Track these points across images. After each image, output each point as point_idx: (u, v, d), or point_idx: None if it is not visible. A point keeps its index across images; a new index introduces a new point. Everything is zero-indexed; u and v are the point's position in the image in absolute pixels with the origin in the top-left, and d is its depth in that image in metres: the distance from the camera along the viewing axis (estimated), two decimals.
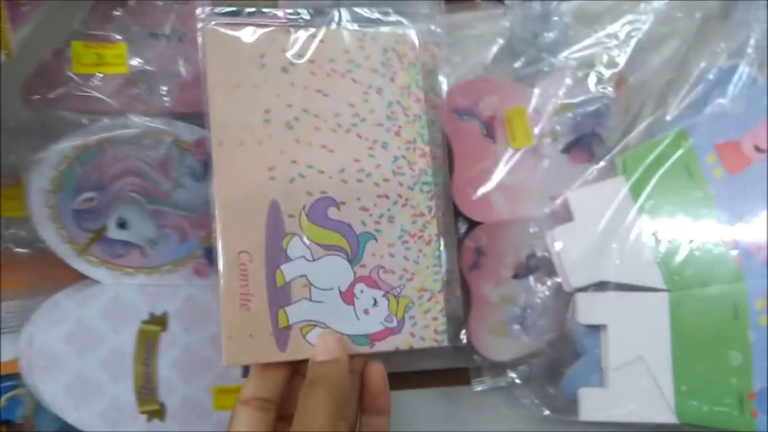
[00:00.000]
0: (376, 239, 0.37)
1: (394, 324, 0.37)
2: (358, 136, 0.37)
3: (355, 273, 0.36)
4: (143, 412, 0.41)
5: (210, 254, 0.41)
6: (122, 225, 0.40)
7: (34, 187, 0.39)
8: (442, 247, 0.38)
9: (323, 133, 0.37)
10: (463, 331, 0.41)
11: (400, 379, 0.46)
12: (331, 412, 0.32)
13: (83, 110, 0.37)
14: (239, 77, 0.36)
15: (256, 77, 0.36)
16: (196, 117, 0.39)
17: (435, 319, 0.37)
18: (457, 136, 0.43)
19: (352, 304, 0.36)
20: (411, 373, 0.46)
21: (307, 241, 0.36)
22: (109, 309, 0.41)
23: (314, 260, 0.36)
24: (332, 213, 0.36)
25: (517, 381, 0.44)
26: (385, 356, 0.45)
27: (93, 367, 0.40)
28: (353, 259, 0.36)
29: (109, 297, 0.41)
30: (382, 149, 0.37)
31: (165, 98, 0.38)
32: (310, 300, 0.36)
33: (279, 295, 0.35)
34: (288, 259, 0.36)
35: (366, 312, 0.36)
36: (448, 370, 0.46)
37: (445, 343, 0.37)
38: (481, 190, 0.43)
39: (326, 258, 0.36)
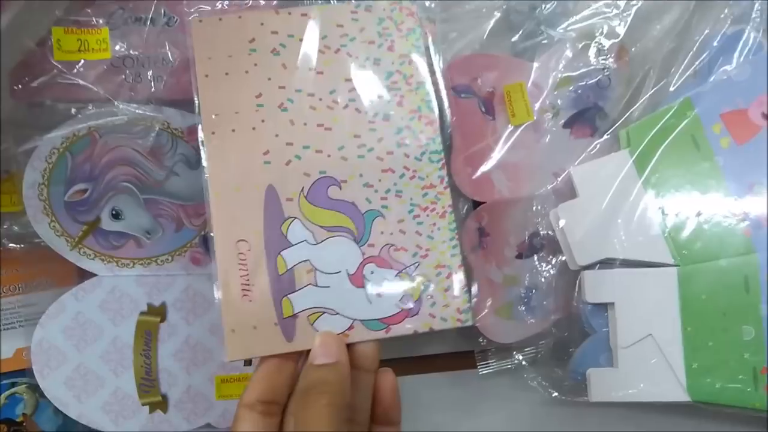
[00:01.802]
0: (383, 216, 0.35)
1: (411, 305, 0.34)
2: (356, 110, 0.36)
3: (363, 253, 0.34)
4: (145, 404, 0.40)
5: (207, 243, 0.40)
6: (116, 216, 0.40)
7: (28, 180, 0.38)
8: None
9: (319, 111, 0.36)
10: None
11: (404, 365, 0.46)
12: (333, 422, 0.29)
13: (68, 99, 0.37)
14: (228, 65, 0.35)
15: (246, 63, 0.36)
16: (188, 103, 0.38)
17: (456, 297, 0.35)
18: (456, 114, 0.42)
19: (363, 286, 0.34)
20: (415, 357, 0.46)
21: (308, 224, 0.34)
22: (106, 301, 0.40)
23: (318, 243, 0.34)
24: (334, 192, 0.35)
25: (524, 363, 0.43)
26: (387, 341, 0.45)
27: (93, 360, 0.40)
28: (360, 239, 0.35)
29: (105, 289, 0.40)
30: (384, 121, 0.36)
31: (152, 84, 0.37)
32: (316, 285, 0.34)
33: (282, 283, 0.34)
34: (289, 245, 0.34)
35: (378, 294, 0.34)
36: (454, 354, 0.45)
37: (470, 323, 0.35)
38: (482, 169, 0.41)
39: (330, 240, 0.34)
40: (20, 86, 0.36)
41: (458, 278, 0.35)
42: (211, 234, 0.34)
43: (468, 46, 0.42)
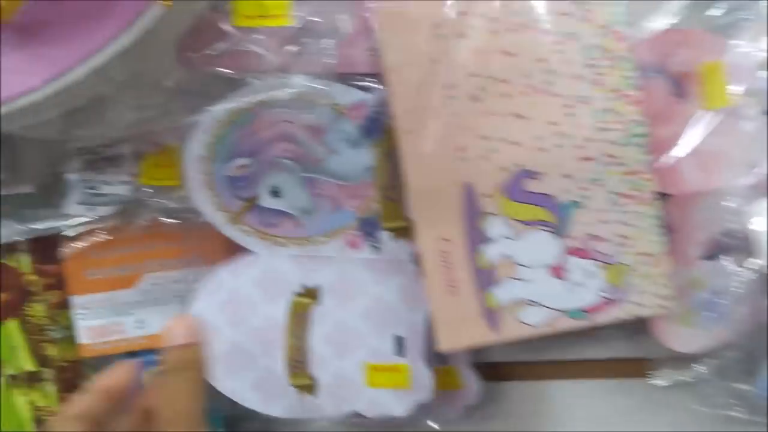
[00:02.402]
0: (583, 206, 0.34)
1: (614, 294, 0.35)
2: (553, 95, 0.34)
3: (563, 245, 0.35)
4: (294, 386, 0.39)
5: (365, 226, 0.38)
6: (276, 193, 0.38)
7: (190, 153, 0.37)
8: None
9: (513, 99, 0.34)
10: None
11: (562, 368, 0.42)
12: (198, 397, 0.32)
13: (242, 68, 0.35)
14: (416, 55, 0.34)
15: (434, 51, 0.34)
16: (354, 77, 0.36)
17: (660, 284, 0.35)
18: (643, 95, 0.37)
19: (564, 278, 0.35)
20: (574, 361, 0.42)
21: (506, 219, 0.35)
22: (261, 279, 0.39)
23: (517, 238, 0.35)
24: (531, 185, 0.35)
25: (706, 376, 0.39)
26: (545, 343, 0.41)
27: (245, 337, 0.39)
28: (560, 231, 0.35)
29: (261, 267, 0.39)
30: (583, 104, 0.34)
31: (327, 56, 0.35)
32: (518, 279, 0.35)
33: (484, 277, 0.35)
34: (489, 240, 0.35)
35: (580, 285, 0.35)
36: (620, 360, 0.41)
37: (675, 310, 0.35)
38: (669, 157, 0.37)
39: (530, 234, 0.35)
40: (192, 53, 0.34)
41: (662, 265, 0.35)
42: (414, 232, 0.36)
43: (659, 20, 0.38)
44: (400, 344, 0.38)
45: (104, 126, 0.36)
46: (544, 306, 0.35)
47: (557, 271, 0.35)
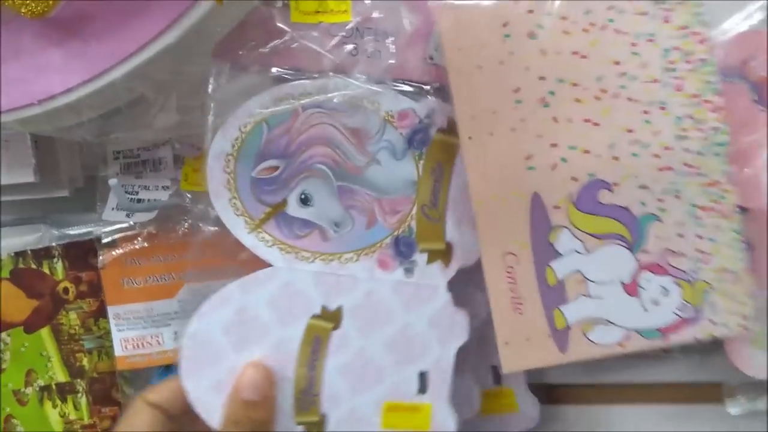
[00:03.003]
0: (660, 220, 0.33)
1: (691, 313, 0.33)
2: (628, 99, 0.32)
3: (638, 261, 0.33)
4: (300, 423, 0.35)
5: (398, 245, 0.35)
6: (305, 201, 0.35)
7: (215, 150, 0.34)
8: None
9: (585, 104, 0.32)
10: None
11: (626, 392, 0.40)
12: None
13: (295, 67, 0.33)
14: (481, 56, 0.33)
15: (501, 52, 0.33)
16: (406, 83, 0.35)
17: (741, 303, 0.33)
18: (723, 101, 0.34)
19: (638, 295, 0.33)
20: (640, 385, 0.40)
21: (577, 233, 0.33)
22: (277, 297, 0.35)
23: (588, 252, 0.33)
24: (604, 197, 0.33)
25: None
26: (608, 364, 0.39)
27: None
28: (634, 246, 0.33)
29: (278, 284, 0.35)
30: (660, 111, 0.32)
31: (384, 57, 0.33)
32: (588, 296, 0.33)
33: (552, 295, 0.34)
34: (558, 255, 0.33)
35: (655, 303, 0.33)
36: (688, 385, 0.39)
37: (756, 330, 0.33)
38: (749, 169, 0.34)
39: (602, 248, 0.33)
40: (241, 51, 0.32)
41: (743, 283, 0.33)
42: (478, 246, 0.34)
43: (740, 22, 0.35)
44: (424, 381, 0.35)
45: (144, 128, 0.35)
46: (617, 325, 0.33)
47: (631, 288, 0.33)
